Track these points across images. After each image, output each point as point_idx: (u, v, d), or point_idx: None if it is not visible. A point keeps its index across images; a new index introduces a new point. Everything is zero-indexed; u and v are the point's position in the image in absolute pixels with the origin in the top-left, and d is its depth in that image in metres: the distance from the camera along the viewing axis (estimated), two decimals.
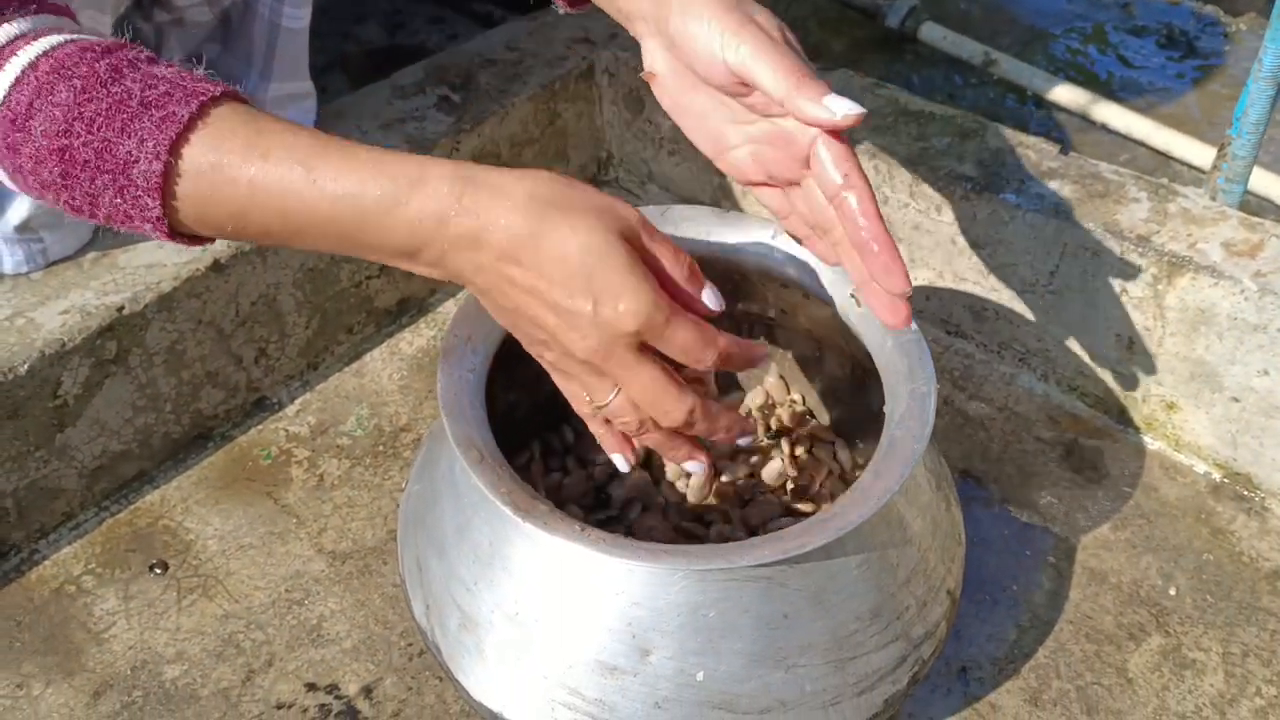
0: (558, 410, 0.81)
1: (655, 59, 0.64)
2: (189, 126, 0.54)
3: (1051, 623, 0.77)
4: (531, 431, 0.80)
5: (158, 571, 0.80)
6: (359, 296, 0.96)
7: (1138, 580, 0.80)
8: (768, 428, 0.82)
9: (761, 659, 0.60)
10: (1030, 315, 0.92)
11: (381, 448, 0.89)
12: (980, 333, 0.95)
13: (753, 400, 0.84)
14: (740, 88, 0.60)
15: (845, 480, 0.80)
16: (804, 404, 0.83)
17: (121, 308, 0.80)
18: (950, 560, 0.69)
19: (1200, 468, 0.87)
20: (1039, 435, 0.90)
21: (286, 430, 0.91)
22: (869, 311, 0.67)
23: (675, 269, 0.57)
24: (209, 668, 0.75)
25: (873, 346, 0.68)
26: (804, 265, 0.71)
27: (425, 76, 1.02)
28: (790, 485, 0.78)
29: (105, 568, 0.81)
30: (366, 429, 0.91)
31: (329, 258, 0.91)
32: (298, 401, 0.93)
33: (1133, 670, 0.75)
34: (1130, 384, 0.89)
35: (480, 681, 0.63)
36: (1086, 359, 0.90)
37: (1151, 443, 0.89)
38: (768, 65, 0.58)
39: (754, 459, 0.79)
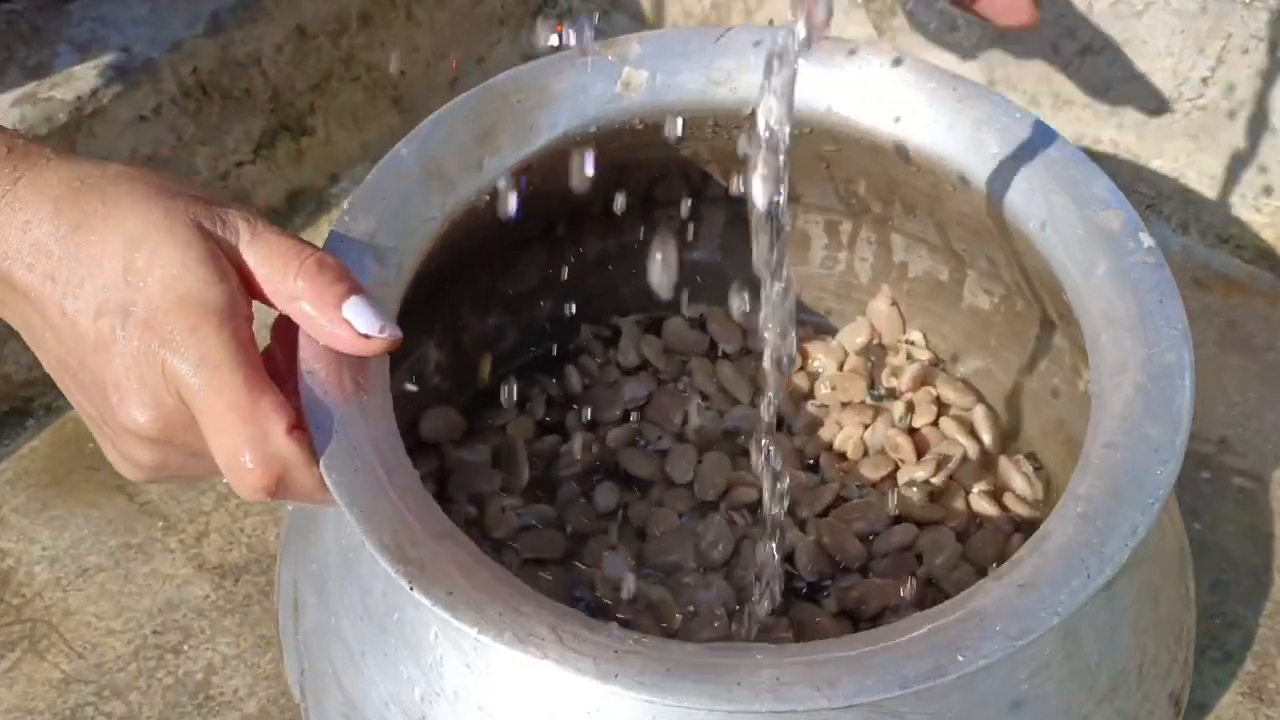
0: (562, 343, 0.62)
1: None
2: None
3: (1259, 577, 0.56)
4: (521, 369, 0.61)
5: None
6: (230, 193, 0.74)
7: None
8: (871, 383, 0.59)
9: None
10: (1166, 145, 0.72)
11: None
12: None
13: (849, 339, 0.61)
14: None
15: (989, 469, 0.56)
16: (927, 348, 0.60)
17: None
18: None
19: None
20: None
21: None
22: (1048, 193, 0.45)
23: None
24: None
25: (1061, 270, 0.43)
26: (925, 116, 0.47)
27: None
28: (903, 477, 0.56)
29: None
30: None
31: (177, 144, 0.67)
32: None
33: None
34: None
35: None
36: (1245, 202, 0.71)
37: None
38: None
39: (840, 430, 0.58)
